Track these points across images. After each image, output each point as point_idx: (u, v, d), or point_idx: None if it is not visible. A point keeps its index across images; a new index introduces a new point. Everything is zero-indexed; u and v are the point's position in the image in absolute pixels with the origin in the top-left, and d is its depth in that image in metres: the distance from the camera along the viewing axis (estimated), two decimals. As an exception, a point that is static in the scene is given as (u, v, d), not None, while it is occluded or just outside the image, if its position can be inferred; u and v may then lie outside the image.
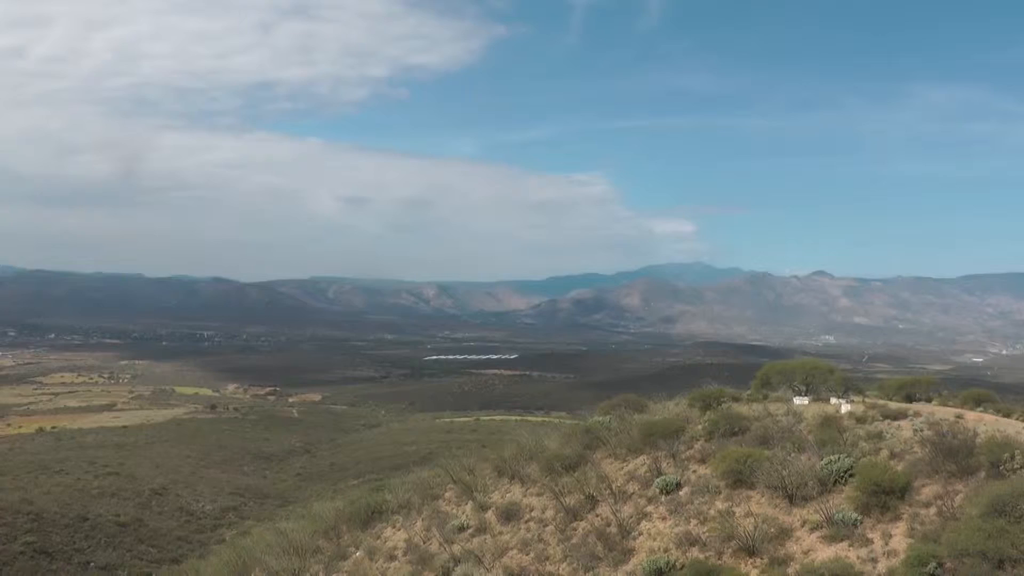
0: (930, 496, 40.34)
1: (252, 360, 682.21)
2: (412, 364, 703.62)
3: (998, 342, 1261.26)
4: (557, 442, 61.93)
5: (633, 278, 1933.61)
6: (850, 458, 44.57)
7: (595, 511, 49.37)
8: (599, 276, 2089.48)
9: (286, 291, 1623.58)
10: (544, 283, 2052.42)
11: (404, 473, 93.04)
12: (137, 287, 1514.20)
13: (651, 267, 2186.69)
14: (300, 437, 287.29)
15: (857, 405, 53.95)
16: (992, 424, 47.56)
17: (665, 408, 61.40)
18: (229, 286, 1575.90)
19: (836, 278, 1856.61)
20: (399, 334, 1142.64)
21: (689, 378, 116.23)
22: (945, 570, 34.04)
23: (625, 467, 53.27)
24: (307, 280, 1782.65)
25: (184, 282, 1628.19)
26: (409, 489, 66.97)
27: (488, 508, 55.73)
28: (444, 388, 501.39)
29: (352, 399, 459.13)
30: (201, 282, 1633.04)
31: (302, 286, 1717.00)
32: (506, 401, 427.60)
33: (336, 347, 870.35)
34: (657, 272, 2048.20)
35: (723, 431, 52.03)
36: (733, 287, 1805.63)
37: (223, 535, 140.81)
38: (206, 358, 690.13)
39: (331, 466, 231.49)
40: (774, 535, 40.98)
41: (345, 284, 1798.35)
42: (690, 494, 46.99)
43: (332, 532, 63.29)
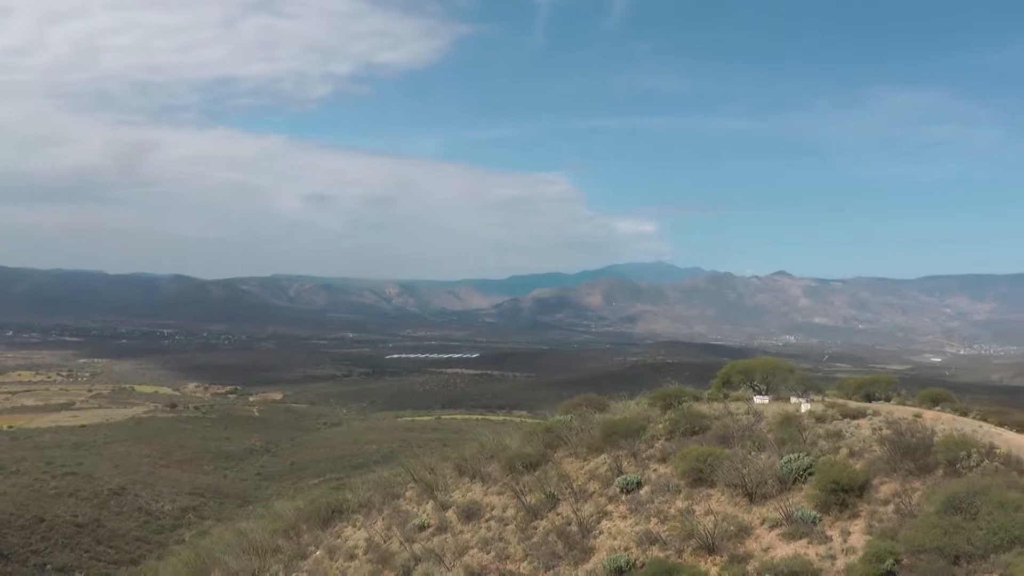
0: (888, 494, 40.69)
1: (213, 358, 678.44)
2: (374, 363, 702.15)
3: (956, 342, 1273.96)
4: (518, 441, 61.88)
5: (595, 277, 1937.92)
6: (810, 457, 44.87)
7: (556, 510, 49.37)
8: (561, 275, 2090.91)
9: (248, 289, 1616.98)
10: (506, 282, 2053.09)
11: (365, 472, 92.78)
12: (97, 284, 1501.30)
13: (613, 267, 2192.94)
14: (261, 436, 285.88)
15: (817, 404, 54.24)
16: (949, 423, 48.01)
17: (626, 407, 61.46)
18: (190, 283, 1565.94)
19: (797, 278, 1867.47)
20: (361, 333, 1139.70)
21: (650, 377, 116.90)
22: (903, 566, 34.35)
23: (586, 466, 53.31)
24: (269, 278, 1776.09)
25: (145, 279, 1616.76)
26: (370, 488, 66.67)
27: (449, 507, 55.60)
28: (406, 387, 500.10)
29: (313, 398, 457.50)
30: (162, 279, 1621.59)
31: (264, 284, 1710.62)
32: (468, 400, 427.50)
33: (298, 345, 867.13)
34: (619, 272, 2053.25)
35: (684, 430, 52.17)
36: (695, 287, 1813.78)
37: (182, 535, 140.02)
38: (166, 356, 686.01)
39: (292, 465, 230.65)
40: (734, 533, 41.17)
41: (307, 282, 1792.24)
42: (651, 493, 47.09)
43: (292, 531, 62.90)
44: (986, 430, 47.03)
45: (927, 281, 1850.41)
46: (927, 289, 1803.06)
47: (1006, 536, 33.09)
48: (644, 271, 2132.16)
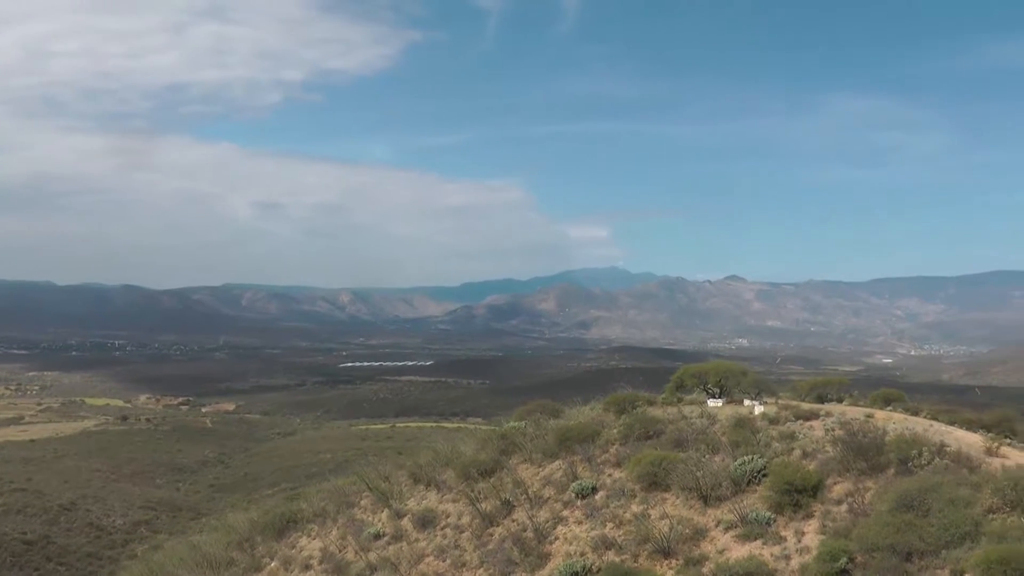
0: (841, 493, 41.04)
1: (165, 369, 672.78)
2: (327, 371, 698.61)
3: (906, 343, 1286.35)
4: (473, 448, 61.72)
5: (548, 283, 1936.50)
6: (763, 458, 45.13)
7: (511, 516, 49.34)
8: (514, 282, 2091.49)
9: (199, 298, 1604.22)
10: (459, 289, 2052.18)
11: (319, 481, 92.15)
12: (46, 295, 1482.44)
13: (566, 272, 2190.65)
14: (214, 447, 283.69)
15: (770, 406, 54.51)
16: (901, 422, 48.39)
17: (580, 413, 61.50)
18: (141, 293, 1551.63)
19: (749, 282, 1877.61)
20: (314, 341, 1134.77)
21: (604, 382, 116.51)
22: (856, 564, 34.64)
23: (541, 472, 53.31)
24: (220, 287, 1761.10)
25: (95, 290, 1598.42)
26: (324, 497, 66.38)
27: (404, 515, 55.43)
28: (359, 395, 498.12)
29: (267, 408, 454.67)
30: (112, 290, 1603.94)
31: (215, 293, 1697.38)
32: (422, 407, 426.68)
33: (250, 355, 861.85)
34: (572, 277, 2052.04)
35: (638, 434, 52.27)
36: (647, 292, 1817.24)
37: (134, 550, 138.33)
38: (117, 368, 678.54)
39: (245, 476, 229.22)
40: (689, 536, 41.33)
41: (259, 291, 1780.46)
42: (606, 498, 47.15)
43: (246, 543, 62.45)
44: (937, 429, 47.50)
45: (878, 284, 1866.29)
46: (878, 291, 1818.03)
47: (957, 532, 33.60)
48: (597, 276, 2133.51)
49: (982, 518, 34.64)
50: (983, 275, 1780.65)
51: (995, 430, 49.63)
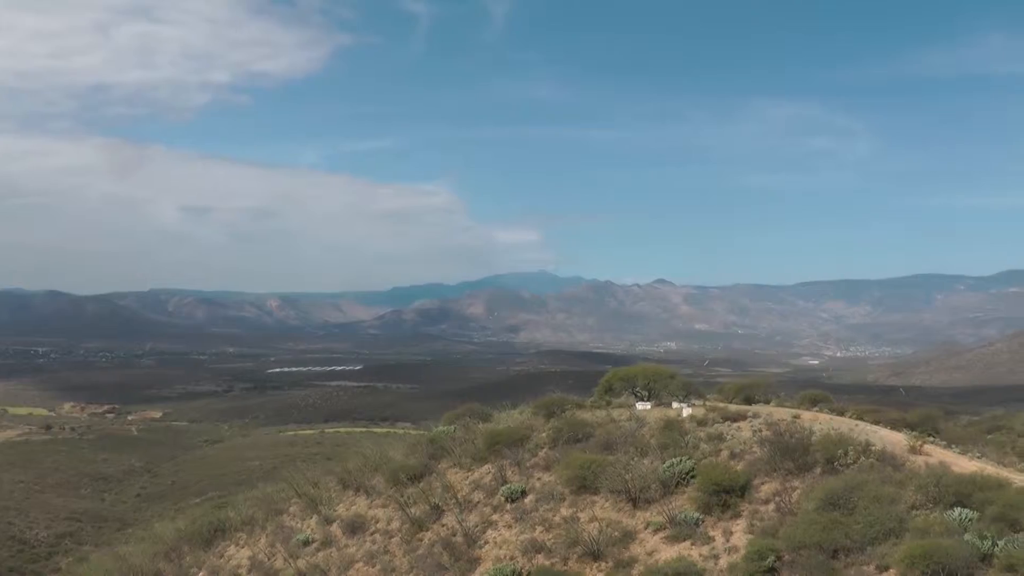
0: (769, 493, 41.40)
1: (90, 377, 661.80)
2: (255, 377, 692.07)
3: (832, 345, 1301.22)
4: (402, 453, 61.61)
5: (477, 288, 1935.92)
6: (691, 460, 45.40)
7: (441, 521, 49.22)
8: (443, 286, 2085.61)
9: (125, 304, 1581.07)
10: (388, 294, 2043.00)
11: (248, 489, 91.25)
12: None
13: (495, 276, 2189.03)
14: (140, 456, 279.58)
15: (698, 409, 54.84)
16: (827, 423, 48.92)
17: (509, 417, 61.49)
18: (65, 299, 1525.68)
19: (677, 286, 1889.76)
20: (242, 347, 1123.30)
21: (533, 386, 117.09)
22: (783, 563, 35.00)
23: (470, 476, 53.23)
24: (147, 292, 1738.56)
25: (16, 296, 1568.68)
26: (252, 505, 65.86)
27: (333, 521, 55.14)
28: (288, 401, 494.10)
29: (194, 415, 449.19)
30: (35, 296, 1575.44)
31: (142, 299, 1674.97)
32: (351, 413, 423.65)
33: (177, 361, 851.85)
34: (501, 282, 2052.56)
35: (567, 438, 52.36)
36: (576, 295, 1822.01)
37: (58, 563, 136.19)
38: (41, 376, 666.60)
39: (172, 485, 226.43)
40: (618, 538, 41.43)
41: (186, 296, 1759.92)
42: (535, 501, 47.18)
43: (173, 553, 61.72)
44: (862, 428, 48.12)
45: (804, 287, 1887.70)
46: (804, 295, 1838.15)
47: (881, 528, 34.18)
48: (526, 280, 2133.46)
49: (906, 514, 35.26)
50: (907, 278, 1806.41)
51: (919, 429, 50.40)
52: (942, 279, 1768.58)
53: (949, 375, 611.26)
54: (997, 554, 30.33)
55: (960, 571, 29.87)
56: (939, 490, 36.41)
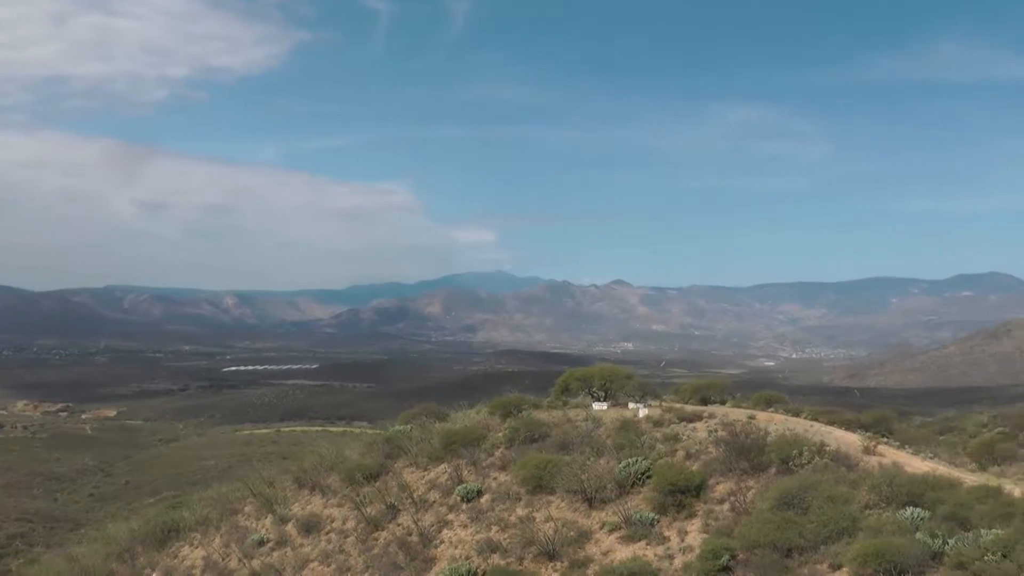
0: (724, 493, 41.62)
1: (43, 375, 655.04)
2: (211, 376, 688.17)
3: (788, 347, 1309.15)
4: (358, 452, 61.45)
5: (435, 287, 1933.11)
6: (647, 460, 45.52)
7: (396, 520, 49.13)
8: (401, 285, 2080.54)
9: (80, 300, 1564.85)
10: (346, 292, 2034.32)
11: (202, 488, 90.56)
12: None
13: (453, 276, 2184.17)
14: (94, 455, 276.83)
15: (654, 409, 54.99)
16: (782, 423, 49.23)
17: (466, 416, 61.46)
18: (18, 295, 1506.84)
19: (634, 287, 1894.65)
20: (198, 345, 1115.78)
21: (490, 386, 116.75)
22: (738, 562, 35.21)
23: (426, 476, 53.16)
24: (102, 289, 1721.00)
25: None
26: (207, 505, 65.48)
27: (288, 521, 54.92)
28: (244, 400, 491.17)
29: (149, 414, 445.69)
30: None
31: (97, 295, 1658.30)
32: (307, 412, 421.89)
33: (132, 359, 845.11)
34: (458, 281, 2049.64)
35: (523, 438, 52.38)
36: (534, 296, 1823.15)
37: (8, 565, 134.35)
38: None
39: (127, 485, 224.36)
40: (574, 538, 41.49)
41: (142, 293, 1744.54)
42: (491, 501, 47.17)
43: (127, 554, 61.18)
44: (817, 429, 48.44)
45: (760, 289, 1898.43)
46: (760, 297, 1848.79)
47: (835, 528, 34.53)
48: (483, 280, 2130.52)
49: (859, 514, 35.64)
50: (862, 281, 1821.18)
51: (873, 430, 50.92)
52: (896, 282, 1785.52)
53: (903, 377, 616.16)
54: (948, 552, 30.72)
55: (911, 569, 30.23)
56: (892, 490, 36.84)
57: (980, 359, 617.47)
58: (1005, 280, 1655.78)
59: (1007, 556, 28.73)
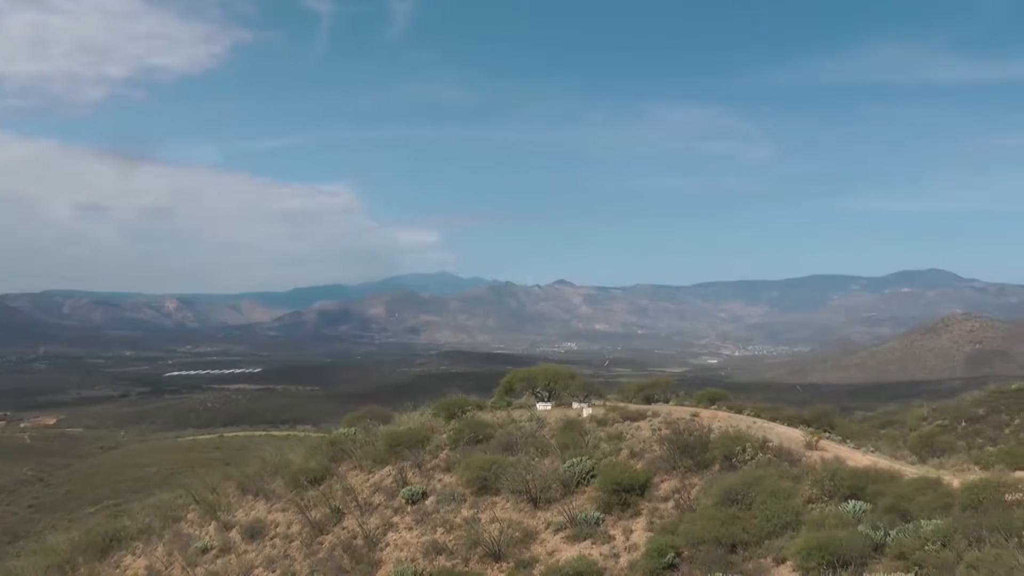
0: (668, 491, 41.86)
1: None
2: (153, 381, 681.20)
3: (731, 344, 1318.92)
4: (302, 456, 61.05)
5: (378, 288, 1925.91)
6: (592, 459, 45.65)
7: (341, 524, 48.91)
8: (344, 287, 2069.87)
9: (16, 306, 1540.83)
10: (288, 294, 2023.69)
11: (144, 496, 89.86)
12: None
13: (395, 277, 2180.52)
14: (33, 465, 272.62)
15: (598, 408, 55.22)
16: (725, 420, 49.62)
17: (410, 418, 61.34)
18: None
19: (577, 287, 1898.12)
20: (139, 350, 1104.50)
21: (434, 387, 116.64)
22: (683, 559, 35.40)
23: (371, 478, 52.97)
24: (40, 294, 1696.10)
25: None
26: (149, 513, 64.80)
27: (232, 527, 54.47)
28: (186, 405, 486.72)
29: (90, 421, 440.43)
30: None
31: (34, 300, 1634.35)
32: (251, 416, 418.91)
33: (72, 366, 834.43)
34: (401, 282, 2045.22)
35: (468, 439, 52.38)
36: (476, 296, 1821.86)
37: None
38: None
39: (67, 494, 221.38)
40: (519, 539, 41.51)
41: (82, 298, 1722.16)
42: (436, 503, 47.09)
43: (67, 566, 60.17)
44: (760, 425, 48.89)
45: (703, 287, 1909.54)
46: (703, 295, 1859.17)
47: (778, 522, 34.88)
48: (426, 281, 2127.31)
49: (802, 508, 36.01)
50: (803, 279, 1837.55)
51: (815, 425, 51.48)
52: (838, 280, 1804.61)
53: (844, 373, 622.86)
54: (889, 543, 31.06)
55: (854, 561, 30.52)
56: (834, 484, 37.24)
57: (919, 354, 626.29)
58: (943, 277, 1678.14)
59: (946, 545, 29.15)
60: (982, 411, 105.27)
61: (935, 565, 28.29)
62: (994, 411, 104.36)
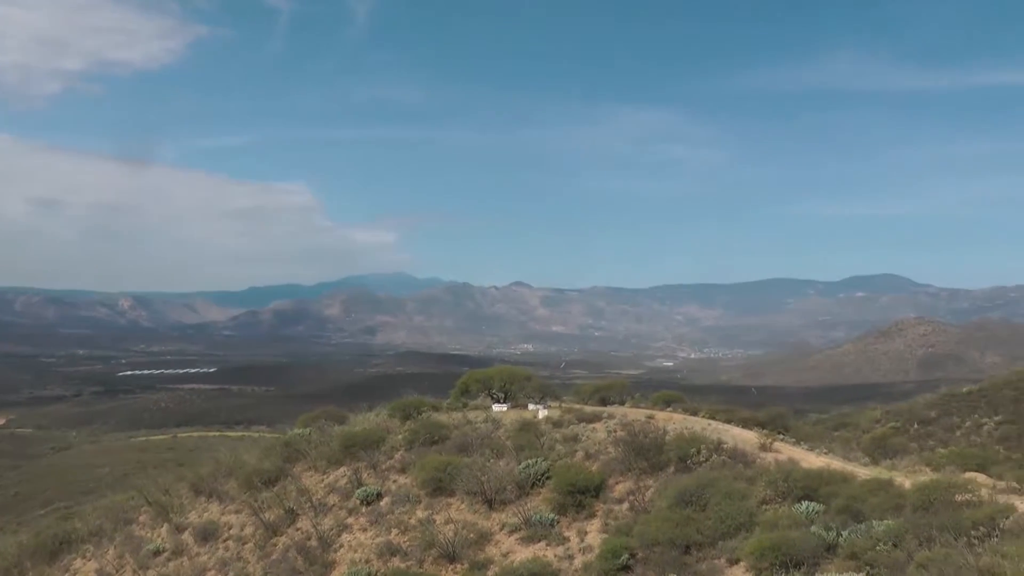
0: (623, 492, 41.94)
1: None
2: (106, 381, 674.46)
3: (687, 347, 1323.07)
4: (256, 457, 60.72)
5: (334, 288, 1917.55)
6: (547, 461, 45.70)
7: (295, 525, 48.69)
8: (300, 287, 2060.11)
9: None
10: (244, 294, 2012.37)
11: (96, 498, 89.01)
12: None
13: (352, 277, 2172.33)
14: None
15: (554, 410, 55.23)
16: (680, 422, 49.76)
17: (365, 419, 61.15)
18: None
19: (534, 288, 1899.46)
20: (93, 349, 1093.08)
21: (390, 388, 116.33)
22: (637, 560, 35.51)
23: (326, 479, 52.75)
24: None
25: None
26: (101, 515, 64.24)
27: (185, 529, 54.10)
28: (140, 405, 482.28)
29: (41, 421, 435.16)
30: None
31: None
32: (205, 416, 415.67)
33: (24, 365, 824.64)
34: (358, 282, 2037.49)
35: (423, 440, 52.29)
36: (433, 297, 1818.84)
37: None
38: None
39: (16, 496, 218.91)
40: (474, 540, 41.48)
41: (34, 295, 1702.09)
42: (391, 504, 46.97)
43: (15, 570, 59.45)
44: (715, 427, 49.05)
45: (659, 290, 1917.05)
46: (659, 297, 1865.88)
47: (732, 523, 35.10)
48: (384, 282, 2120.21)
49: (756, 509, 36.22)
50: (759, 283, 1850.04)
51: (769, 427, 51.75)
52: (793, 284, 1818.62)
53: (799, 375, 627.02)
54: (841, 544, 31.31)
55: (807, 561, 30.75)
56: (788, 485, 37.46)
57: (873, 357, 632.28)
58: (897, 281, 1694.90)
59: (897, 546, 29.37)
60: (934, 414, 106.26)
61: (886, 565, 28.51)
62: (946, 414, 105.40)
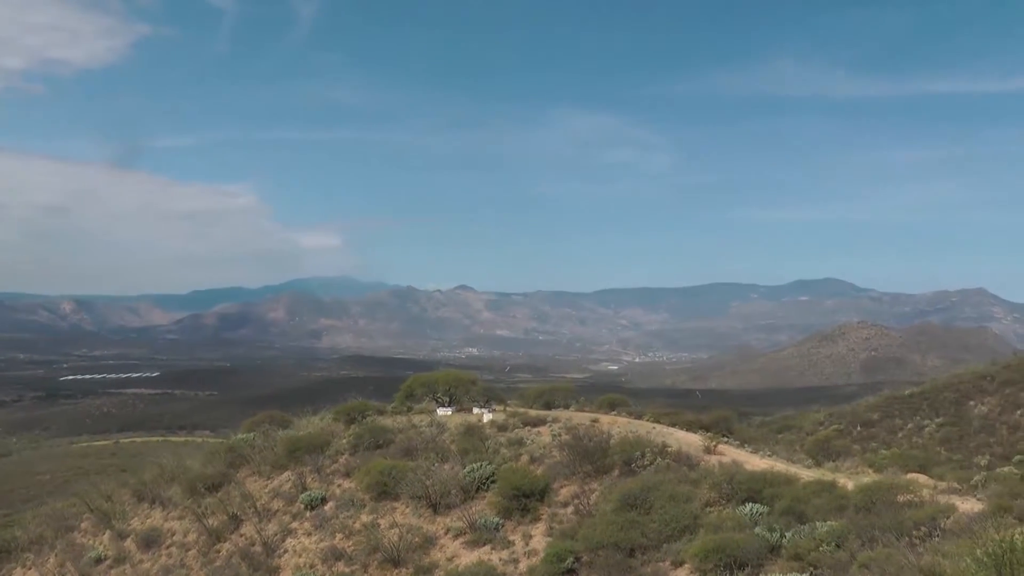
0: (568, 496, 42.01)
1: None
2: (47, 386, 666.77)
3: (631, 351, 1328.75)
4: (200, 462, 60.30)
5: (278, 292, 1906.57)
6: (492, 465, 45.71)
7: (239, 531, 48.44)
8: (244, 290, 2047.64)
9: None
10: (188, 297, 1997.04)
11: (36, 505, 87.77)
12: None
13: (297, 281, 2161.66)
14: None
15: (499, 414, 55.28)
16: (625, 426, 49.94)
17: (310, 423, 61.02)
18: None
19: (479, 292, 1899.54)
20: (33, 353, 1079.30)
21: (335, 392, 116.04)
22: (582, 563, 35.57)
23: (270, 484, 52.51)
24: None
25: None
26: (41, 522, 63.53)
27: (127, 536, 53.65)
28: (82, 410, 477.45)
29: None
30: None
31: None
32: (148, 421, 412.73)
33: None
34: (303, 286, 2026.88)
35: (367, 444, 52.24)
36: (378, 301, 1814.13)
37: None
38: None
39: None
40: (419, 544, 41.42)
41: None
42: (335, 508, 46.83)
43: (-49, 581, 58.86)
44: (659, 430, 49.30)
45: (604, 294, 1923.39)
46: (604, 301, 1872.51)
47: (677, 526, 35.34)
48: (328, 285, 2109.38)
49: (700, 511, 36.50)
50: (703, 287, 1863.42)
51: (713, 430, 52.03)
52: (737, 288, 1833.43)
53: (743, 378, 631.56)
54: (785, 545, 31.60)
55: (751, 562, 30.99)
56: (732, 487, 37.78)
57: (816, 360, 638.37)
58: (839, 286, 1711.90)
59: (840, 546, 29.70)
60: (876, 416, 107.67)
61: (829, 565, 28.78)
62: (888, 416, 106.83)
